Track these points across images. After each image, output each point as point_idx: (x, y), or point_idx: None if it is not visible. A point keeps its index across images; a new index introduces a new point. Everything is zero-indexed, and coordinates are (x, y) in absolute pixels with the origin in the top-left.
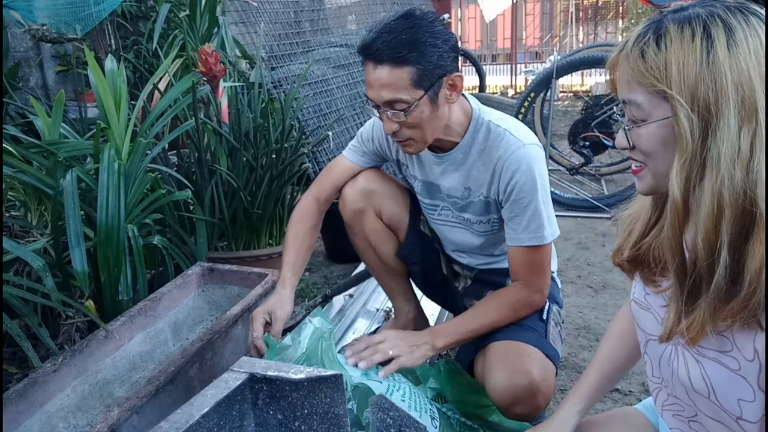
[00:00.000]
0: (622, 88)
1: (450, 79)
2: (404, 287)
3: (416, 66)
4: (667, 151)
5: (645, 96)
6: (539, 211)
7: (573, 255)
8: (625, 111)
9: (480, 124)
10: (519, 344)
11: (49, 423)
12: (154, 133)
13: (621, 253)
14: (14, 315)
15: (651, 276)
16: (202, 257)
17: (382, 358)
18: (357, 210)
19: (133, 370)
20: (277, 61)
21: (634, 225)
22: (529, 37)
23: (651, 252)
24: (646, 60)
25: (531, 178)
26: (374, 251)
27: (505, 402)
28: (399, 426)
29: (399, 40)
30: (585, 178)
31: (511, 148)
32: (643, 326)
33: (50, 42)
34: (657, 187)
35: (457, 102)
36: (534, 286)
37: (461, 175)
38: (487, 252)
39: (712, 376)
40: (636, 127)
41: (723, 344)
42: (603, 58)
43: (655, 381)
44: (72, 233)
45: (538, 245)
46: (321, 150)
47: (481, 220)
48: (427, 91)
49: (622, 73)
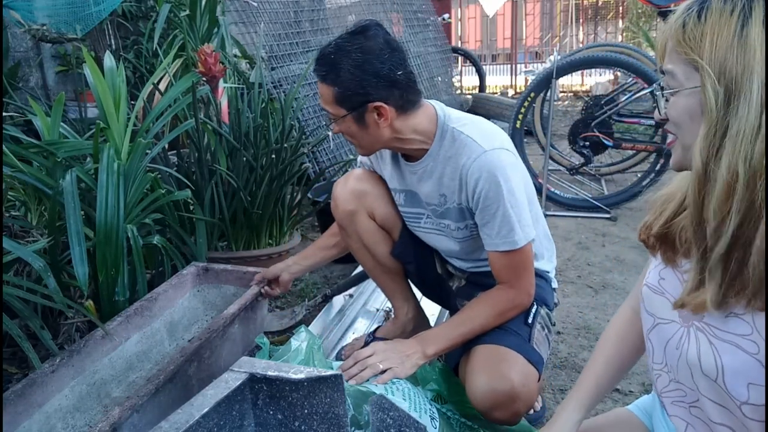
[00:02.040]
0: (664, 57)
1: (374, 107)
2: (402, 286)
3: (335, 87)
4: (694, 123)
5: (680, 66)
6: (508, 215)
7: (573, 255)
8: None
9: (445, 131)
10: (501, 349)
11: (47, 423)
12: (153, 133)
13: (650, 229)
14: (14, 315)
15: (673, 256)
16: (201, 257)
17: (372, 373)
18: (349, 211)
19: (129, 370)
20: (277, 61)
21: (667, 205)
22: (529, 37)
23: (679, 232)
24: (685, 30)
25: (495, 185)
26: (369, 252)
27: (485, 406)
28: (399, 426)
29: (326, 59)
30: (585, 178)
31: (473, 156)
32: (653, 310)
33: (50, 42)
34: (685, 161)
35: (421, 110)
36: (518, 286)
37: (435, 183)
38: (472, 257)
39: (725, 358)
40: (669, 97)
41: (743, 328)
42: (603, 58)
43: (657, 367)
44: (73, 233)
45: (513, 249)
46: (321, 150)
47: (459, 226)
48: (350, 111)
49: (666, 43)
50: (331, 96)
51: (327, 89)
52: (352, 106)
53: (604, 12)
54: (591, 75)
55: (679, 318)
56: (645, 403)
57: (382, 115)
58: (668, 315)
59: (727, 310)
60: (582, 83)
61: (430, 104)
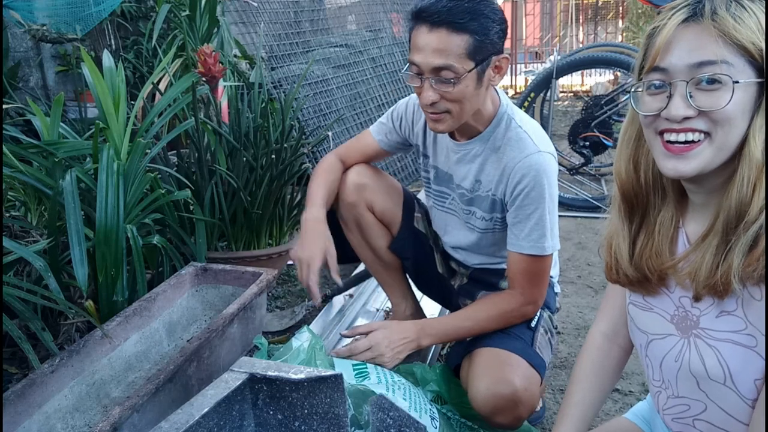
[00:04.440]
0: (698, 49)
1: (498, 60)
2: (401, 283)
3: (474, 36)
4: (743, 118)
5: (734, 56)
6: (543, 221)
7: (573, 255)
8: (690, 76)
9: (503, 119)
10: (503, 353)
11: (47, 424)
12: (153, 132)
13: (616, 272)
14: (13, 315)
15: (649, 285)
16: (201, 257)
17: (365, 358)
18: (349, 203)
19: (128, 371)
20: (277, 61)
21: (618, 243)
22: (529, 37)
23: (645, 264)
24: (738, 22)
25: (539, 186)
26: (368, 245)
27: (487, 411)
28: (399, 426)
29: (461, 6)
30: (585, 178)
31: (525, 152)
32: (644, 327)
33: (50, 42)
34: (712, 163)
35: (489, 93)
36: (529, 296)
37: (476, 167)
38: (484, 251)
39: (729, 359)
40: (711, 91)
41: (736, 324)
42: (603, 58)
43: (656, 384)
44: (73, 233)
45: (539, 255)
46: (321, 150)
47: (485, 217)
48: (478, 65)
49: (698, 34)
50: (464, 47)
51: (459, 40)
52: (483, 58)
53: (604, 12)
54: (591, 75)
55: (677, 331)
56: (642, 411)
57: (499, 69)
58: (662, 329)
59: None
60: (582, 83)
61: (496, 89)
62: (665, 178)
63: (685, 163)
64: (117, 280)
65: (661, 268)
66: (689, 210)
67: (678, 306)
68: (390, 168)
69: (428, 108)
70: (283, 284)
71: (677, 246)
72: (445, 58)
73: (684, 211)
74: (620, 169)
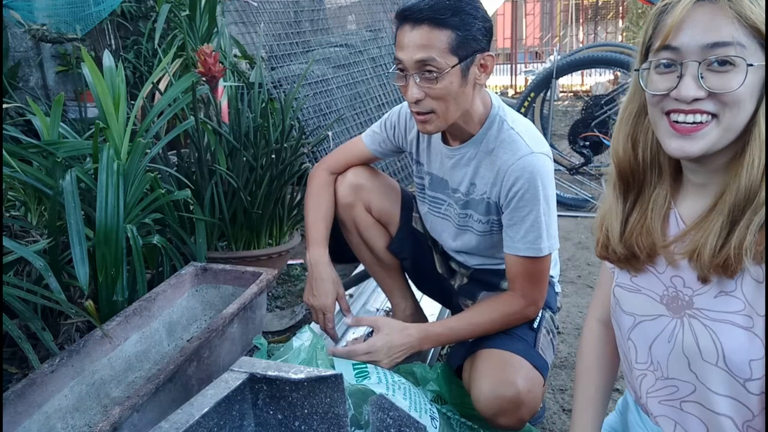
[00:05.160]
0: (713, 30)
1: (482, 58)
2: (400, 283)
3: (456, 31)
4: (751, 100)
5: (747, 39)
6: (539, 222)
7: (573, 255)
8: (699, 57)
9: (495, 121)
10: (506, 354)
11: (47, 424)
12: (153, 132)
13: (606, 248)
14: (13, 315)
15: (638, 263)
16: (201, 257)
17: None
18: (347, 204)
19: (128, 371)
20: (277, 61)
21: (611, 220)
22: (529, 37)
23: (635, 242)
24: (753, 3)
25: (534, 188)
26: (366, 246)
27: (490, 412)
28: (399, 426)
29: (443, 3)
30: (585, 178)
31: (518, 154)
32: (631, 309)
33: (50, 42)
34: (717, 144)
35: (479, 94)
36: (530, 297)
37: (470, 170)
38: (483, 253)
39: (724, 339)
40: (723, 73)
41: (735, 305)
42: (603, 58)
43: (641, 367)
44: (74, 233)
45: (536, 256)
46: (321, 150)
47: (482, 220)
48: (462, 61)
49: (713, 14)
50: (446, 42)
51: (441, 35)
52: (466, 54)
53: (604, 12)
54: (591, 75)
55: (669, 311)
56: (612, 423)
57: (485, 68)
58: (652, 311)
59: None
60: (582, 83)
61: (487, 91)
62: (663, 156)
63: (691, 144)
64: (117, 280)
65: (654, 247)
66: (682, 189)
67: (669, 286)
68: (390, 168)
69: (414, 107)
70: (283, 284)
71: (668, 224)
72: (428, 51)
73: (677, 190)
74: (618, 146)
